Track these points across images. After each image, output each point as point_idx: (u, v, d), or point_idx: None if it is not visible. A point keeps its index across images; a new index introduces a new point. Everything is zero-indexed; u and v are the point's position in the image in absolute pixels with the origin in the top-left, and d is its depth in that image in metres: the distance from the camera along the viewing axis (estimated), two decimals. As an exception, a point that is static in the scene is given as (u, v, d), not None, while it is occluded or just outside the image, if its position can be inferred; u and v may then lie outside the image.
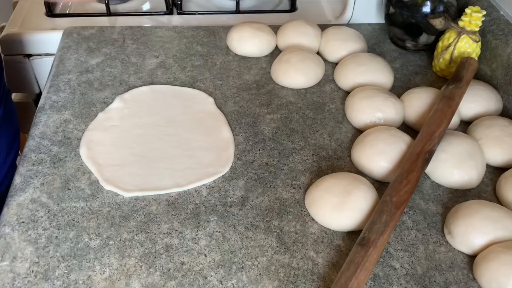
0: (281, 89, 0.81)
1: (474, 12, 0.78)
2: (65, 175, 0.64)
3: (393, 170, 0.65)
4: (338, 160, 0.70)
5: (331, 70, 0.86)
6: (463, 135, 0.69)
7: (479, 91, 0.77)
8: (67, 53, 0.85)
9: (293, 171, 0.68)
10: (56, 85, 0.79)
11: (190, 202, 0.63)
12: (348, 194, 0.60)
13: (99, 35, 0.90)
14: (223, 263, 0.56)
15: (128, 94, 0.77)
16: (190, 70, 0.84)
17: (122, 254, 0.56)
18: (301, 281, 0.55)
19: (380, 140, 0.67)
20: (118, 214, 0.60)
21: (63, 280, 0.53)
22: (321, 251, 0.58)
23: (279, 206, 0.63)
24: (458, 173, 0.66)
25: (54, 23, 0.99)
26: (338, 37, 0.88)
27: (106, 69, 0.82)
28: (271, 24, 0.92)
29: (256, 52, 0.87)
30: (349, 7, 0.97)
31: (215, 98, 0.78)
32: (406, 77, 0.86)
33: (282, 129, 0.74)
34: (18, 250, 0.56)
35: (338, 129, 0.75)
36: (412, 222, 0.62)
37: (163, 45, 0.89)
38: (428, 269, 0.57)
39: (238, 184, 0.65)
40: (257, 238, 0.59)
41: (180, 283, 0.54)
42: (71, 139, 0.69)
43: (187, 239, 0.58)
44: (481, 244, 0.57)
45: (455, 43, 0.80)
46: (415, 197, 0.65)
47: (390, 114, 0.73)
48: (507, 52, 0.79)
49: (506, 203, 0.64)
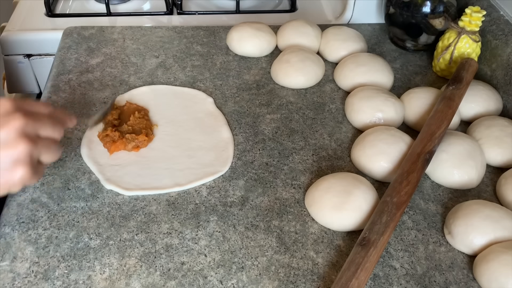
0: (281, 89, 0.81)
1: (474, 12, 0.78)
2: (65, 175, 0.64)
3: (393, 170, 0.65)
4: (338, 160, 0.70)
5: (331, 70, 0.86)
6: (463, 135, 0.69)
7: (479, 91, 0.77)
8: (67, 53, 0.85)
9: (293, 171, 0.68)
10: (56, 85, 0.79)
11: (190, 202, 0.63)
12: (348, 194, 0.60)
13: (99, 35, 0.90)
14: (223, 263, 0.56)
15: (128, 94, 0.77)
16: (190, 70, 0.84)
17: (122, 254, 0.56)
18: (301, 281, 0.55)
19: (380, 140, 0.67)
20: (118, 214, 0.60)
21: (63, 280, 0.53)
22: (321, 251, 0.58)
23: (279, 206, 0.63)
24: (458, 173, 0.66)
25: (54, 23, 0.99)
26: (338, 37, 0.88)
27: (106, 69, 0.82)
28: (271, 24, 0.92)
29: (256, 52, 0.87)
30: (349, 7, 0.97)
31: (215, 98, 0.78)
32: (406, 77, 0.86)
33: (282, 129, 0.74)
34: (18, 250, 0.56)
35: (338, 129, 0.75)
36: (412, 222, 0.62)
37: (163, 45, 0.89)
38: (428, 269, 0.57)
39: (238, 184, 0.65)
40: (257, 238, 0.59)
41: (180, 283, 0.54)
42: (71, 139, 0.69)
43: (187, 239, 0.58)
44: (481, 244, 0.57)
45: (455, 43, 0.80)
46: (415, 197, 0.65)
47: (390, 114, 0.73)
48: (507, 52, 0.79)
49: (506, 203, 0.64)
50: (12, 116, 0.43)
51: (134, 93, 0.77)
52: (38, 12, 1.01)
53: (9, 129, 0.42)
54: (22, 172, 0.43)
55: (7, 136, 0.42)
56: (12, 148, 0.42)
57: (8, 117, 0.42)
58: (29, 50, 0.96)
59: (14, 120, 0.43)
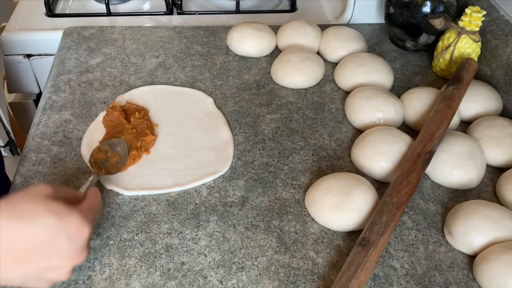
0: (281, 89, 0.81)
1: (474, 12, 0.78)
2: (65, 175, 0.64)
3: (393, 170, 0.65)
4: (338, 160, 0.70)
5: (331, 70, 0.86)
6: (463, 135, 0.69)
7: (479, 91, 0.77)
8: (67, 53, 0.85)
9: (293, 171, 0.68)
10: (56, 85, 0.79)
11: (190, 202, 0.63)
12: (348, 194, 0.60)
13: (99, 35, 0.90)
14: (223, 263, 0.56)
15: (128, 94, 0.77)
16: (190, 70, 0.84)
17: (122, 254, 0.56)
18: (301, 281, 0.55)
19: (380, 140, 0.67)
20: (118, 214, 0.60)
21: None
22: (321, 251, 0.58)
23: (279, 206, 0.63)
24: (458, 173, 0.66)
25: (54, 23, 0.99)
26: (338, 37, 0.88)
27: (106, 69, 0.82)
28: (271, 24, 0.92)
29: (256, 52, 0.87)
30: (349, 7, 0.97)
31: (215, 98, 0.78)
32: (406, 77, 0.86)
33: (282, 129, 0.74)
34: (18, 250, 0.56)
35: (338, 129, 0.75)
36: (412, 222, 0.62)
37: (163, 45, 0.89)
38: (428, 269, 0.57)
39: (238, 184, 0.65)
40: (257, 238, 0.59)
41: (180, 283, 0.54)
42: (71, 139, 0.69)
43: (187, 239, 0.58)
44: (481, 244, 0.57)
45: (455, 43, 0.80)
46: (415, 197, 0.65)
47: (390, 114, 0.73)
48: (507, 52, 0.79)
49: (506, 203, 0.64)
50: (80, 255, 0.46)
51: (134, 93, 0.77)
52: (38, 12, 1.01)
53: (71, 264, 0.46)
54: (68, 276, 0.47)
55: (65, 269, 0.46)
56: (61, 277, 0.46)
57: (77, 255, 0.46)
58: (29, 50, 0.96)
59: (80, 260, 0.46)
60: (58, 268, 0.45)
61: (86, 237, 0.46)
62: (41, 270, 0.44)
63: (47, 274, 0.45)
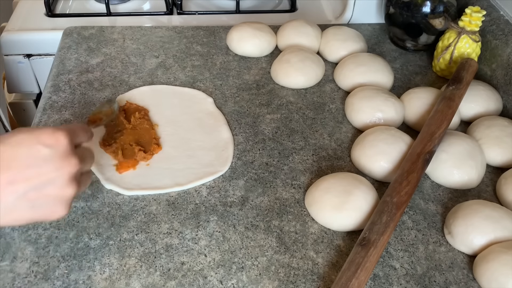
0: (281, 89, 0.81)
1: (474, 12, 0.78)
2: (65, 175, 0.64)
3: (393, 170, 0.65)
4: (338, 160, 0.70)
5: (331, 70, 0.86)
6: (463, 135, 0.69)
7: (479, 91, 0.77)
8: (67, 53, 0.85)
9: (293, 171, 0.68)
10: (56, 85, 0.79)
11: (190, 202, 0.63)
12: (348, 194, 0.60)
13: (99, 35, 0.90)
14: (223, 263, 0.56)
15: (128, 94, 0.77)
16: (190, 70, 0.84)
17: (122, 254, 0.56)
18: (301, 281, 0.55)
19: (380, 140, 0.67)
20: (118, 214, 0.60)
21: (63, 280, 0.53)
22: (321, 251, 0.58)
23: (279, 206, 0.63)
24: (458, 173, 0.66)
25: (54, 23, 0.99)
26: (338, 37, 0.88)
27: (106, 69, 0.82)
28: (271, 24, 0.92)
29: (256, 52, 0.87)
30: (349, 7, 0.97)
31: (215, 98, 0.78)
32: (406, 77, 0.86)
33: (282, 129, 0.74)
34: (18, 250, 0.56)
35: (338, 129, 0.75)
36: (412, 222, 0.62)
37: (163, 45, 0.89)
38: (428, 269, 0.57)
39: (238, 184, 0.65)
40: (257, 238, 0.59)
41: (180, 283, 0.54)
42: (71, 139, 0.69)
43: (187, 239, 0.58)
44: (481, 244, 0.57)
45: (455, 43, 0.80)
46: (415, 197, 0.65)
47: (390, 114, 0.73)
48: (507, 52, 0.79)
49: (506, 203, 0.64)
50: (68, 160, 0.45)
51: (134, 93, 0.77)
52: (38, 12, 1.01)
53: (64, 173, 0.45)
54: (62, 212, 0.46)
55: (60, 179, 0.45)
56: (62, 191, 0.45)
57: (64, 161, 0.45)
58: (29, 50, 0.96)
59: (70, 166, 0.45)
60: (54, 180, 0.44)
61: (65, 144, 0.44)
62: (39, 187, 0.43)
63: (47, 190, 0.44)
